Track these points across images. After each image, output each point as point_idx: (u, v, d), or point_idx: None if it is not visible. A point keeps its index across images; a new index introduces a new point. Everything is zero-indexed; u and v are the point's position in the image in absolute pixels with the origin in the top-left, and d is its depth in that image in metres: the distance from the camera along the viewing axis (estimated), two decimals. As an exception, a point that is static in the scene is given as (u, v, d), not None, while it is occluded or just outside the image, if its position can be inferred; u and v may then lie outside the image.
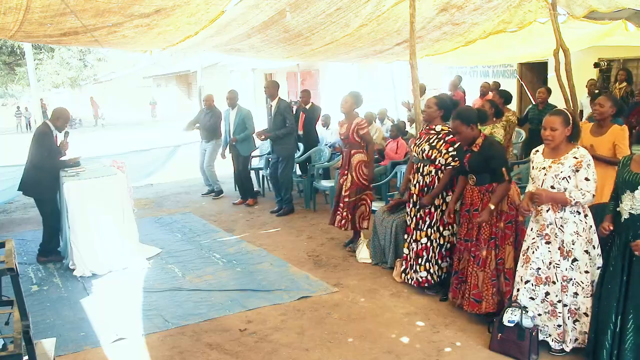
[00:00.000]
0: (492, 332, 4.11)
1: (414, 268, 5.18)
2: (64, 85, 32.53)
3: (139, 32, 6.49)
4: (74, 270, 5.99)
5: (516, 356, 3.90)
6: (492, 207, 4.28)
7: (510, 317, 3.94)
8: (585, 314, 3.83)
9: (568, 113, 3.88)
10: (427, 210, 5.04)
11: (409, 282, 5.27)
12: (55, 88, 34.13)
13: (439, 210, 5.03)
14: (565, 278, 3.83)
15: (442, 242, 5.06)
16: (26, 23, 5.58)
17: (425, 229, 5.07)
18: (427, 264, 5.08)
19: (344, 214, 6.32)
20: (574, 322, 3.87)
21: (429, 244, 5.07)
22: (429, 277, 5.09)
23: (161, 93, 37.09)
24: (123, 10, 5.55)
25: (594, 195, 3.70)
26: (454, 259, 4.76)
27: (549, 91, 8.41)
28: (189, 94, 32.46)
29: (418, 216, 5.11)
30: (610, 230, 3.51)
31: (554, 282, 3.87)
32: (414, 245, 5.17)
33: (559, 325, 3.89)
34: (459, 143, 4.76)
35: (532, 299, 3.97)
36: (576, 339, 3.89)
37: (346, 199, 6.29)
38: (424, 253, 5.08)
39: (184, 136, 10.50)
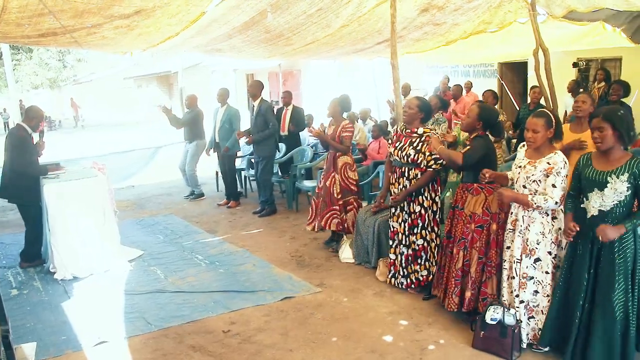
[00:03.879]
0: (475, 330, 4.14)
1: (403, 272, 5.19)
2: (43, 86, 32.16)
3: (119, 33, 6.44)
4: (54, 273, 5.93)
5: (499, 353, 3.94)
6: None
7: (492, 315, 3.98)
8: (542, 311, 3.92)
9: (551, 115, 3.92)
10: (417, 214, 5.06)
11: (399, 286, 5.26)
12: (34, 89, 33.72)
13: (430, 211, 5.05)
14: (525, 275, 3.91)
15: (437, 242, 5.10)
16: (3, 23, 5.51)
17: (419, 231, 5.08)
18: (427, 263, 5.11)
19: (343, 216, 6.29)
20: (529, 318, 3.96)
21: (425, 244, 5.09)
22: (429, 276, 5.11)
23: (142, 94, 36.79)
24: (103, 11, 5.50)
25: (557, 202, 3.73)
26: (440, 256, 4.80)
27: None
28: (170, 95, 32.23)
29: (409, 221, 5.11)
30: (576, 230, 3.53)
31: (513, 277, 3.96)
32: (404, 249, 5.17)
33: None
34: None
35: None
36: (527, 334, 3.99)
37: (340, 202, 6.27)
38: (422, 253, 5.10)
39: (165, 137, 10.42)
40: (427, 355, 4.09)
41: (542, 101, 8.39)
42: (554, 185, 3.74)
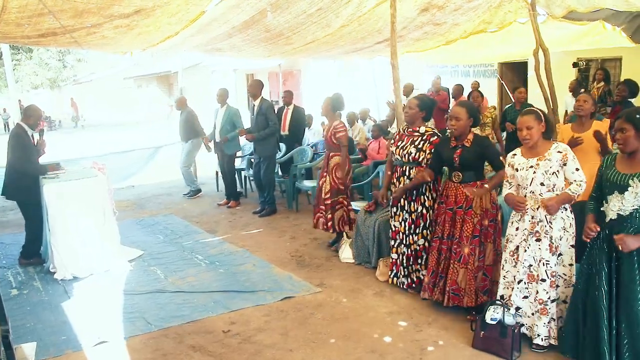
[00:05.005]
0: (475, 330, 4.13)
1: (404, 272, 5.18)
2: (43, 86, 32.18)
3: (119, 32, 6.44)
4: (54, 273, 5.93)
5: (499, 353, 3.92)
6: (488, 187, 4.43)
7: (492, 314, 3.97)
8: (564, 301, 3.94)
9: (538, 111, 3.97)
10: (419, 213, 5.05)
11: (401, 286, 5.25)
12: (34, 89, 33.72)
13: (431, 211, 5.04)
14: (553, 274, 3.90)
15: None
16: (2, 23, 5.51)
17: (420, 231, 5.08)
18: (427, 262, 5.10)
19: (328, 215, 6.34)
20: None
21: (426, 244, 5.08)
22: None
23: (142, 94, 36.80)
24: (102, 10, 5.50)
25: (585, 182, 3.82)
26: (430, 259, 4.76)
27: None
28: (170, 95, 32.26)
29: (410, 220, 5.10)
30: (597, 230, 3.45)
31: (543, 280, 3.91)
32: (404, 249, 5.17)
33: (548, 322, 3.94)
34: (442, 139, 4.84)
35: (526, 297, 4.02)
36: (549, 330, 3.95)
37: (327, 201, 6.32)
38: (423, 253, 5.09)
39: (165, 137, 10.43)
40: (427, 355, 4.08)
41: (530, 99, 8.42)
42: (577, 169, 3.82)
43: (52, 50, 27.80)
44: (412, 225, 5.10)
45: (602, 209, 3.52)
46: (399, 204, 5.16)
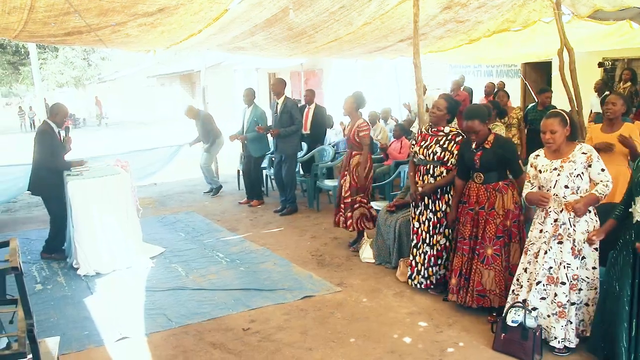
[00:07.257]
0: (496, 332, 4.10)
1: (424, 273, 5.15)
2: (68, 84, 32.67)
3: (143, 30, 6.50)
4: (77, 269, 6.00)
5: (519, 356, 3.88)
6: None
7: (513, 317, 3.93)
8: (587, 304, 3.90)
9: (564, 113, 3.90)
10: (443, 212, 5.03)
11: (418, 286, 5.22)
12: (59, 87, 34.22)
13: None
14: (575, 277, 3.85)
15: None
16: (30, 23, 5.59)
17: (443, 230, 5.07)
18: (447, 262, 5.08)
19: (347, 214, 6.34)
20: (575, 315, 3.91)
21: (448, 243, 5.07)
22: (446, 273, 5.10)
23: (165, 92, 37.13)
24: (127, 9, 5.56)
25: (612, 182, 3.78)
26: (455, 260, 4.72)
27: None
28: (193, 94, 32.47)
29: (434, 219, 5.08)
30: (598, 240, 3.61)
31: (563, 283, 3.86)
32: (427, 249, 5.14)
33: (565, 325, 3.89)
34: (464, 142, 4.78)
35: (544, 298, 3.97)
36: (574, 329, 3.91)
37: (347, 200, 6.32)
38: (444, 253, 5.08)
39: (188, 135, 10.52)
40: (447, 356, 4.05)
41: (555, 100, 8.26)
42: (602, 170, 3.76)
43: (77, 49, 28.18)
44: (437, 225, 5.08)
45: (630, 210, 3.53)
46: (422, 203, 5.14)
